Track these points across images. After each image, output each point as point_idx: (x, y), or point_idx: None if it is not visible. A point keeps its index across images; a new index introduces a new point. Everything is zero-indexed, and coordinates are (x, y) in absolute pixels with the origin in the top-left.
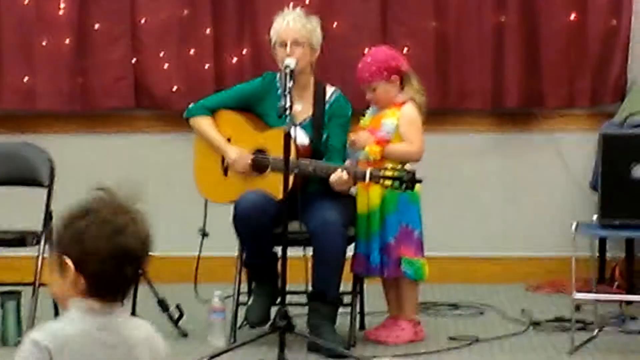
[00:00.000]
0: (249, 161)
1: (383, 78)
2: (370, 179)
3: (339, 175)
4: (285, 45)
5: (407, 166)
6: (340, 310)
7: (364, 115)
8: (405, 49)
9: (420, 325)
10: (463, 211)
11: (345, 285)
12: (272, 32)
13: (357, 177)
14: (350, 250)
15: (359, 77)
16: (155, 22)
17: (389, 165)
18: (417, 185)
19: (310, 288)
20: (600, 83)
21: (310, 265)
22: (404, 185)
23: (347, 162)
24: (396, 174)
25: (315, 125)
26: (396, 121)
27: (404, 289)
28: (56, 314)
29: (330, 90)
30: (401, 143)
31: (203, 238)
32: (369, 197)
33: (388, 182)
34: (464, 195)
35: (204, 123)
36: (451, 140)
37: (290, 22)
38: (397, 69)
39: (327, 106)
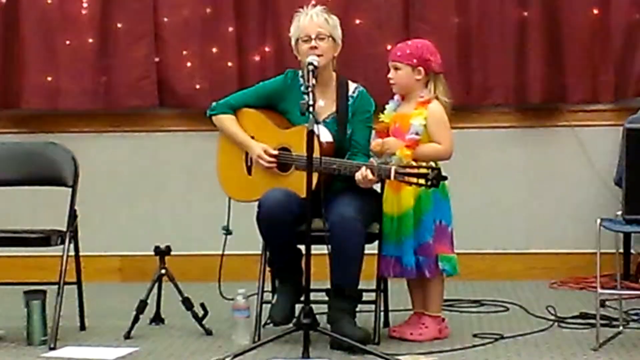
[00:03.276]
0: (275, 156)
1: (410, 63)
2: (395, 177)
3: (363, 174)
4: (309, 39)
5: (432, 163)
6: (365, 307)
7: (383, 111)
8: (421, 42)
9: (445, 322)
10: (487, 207)
11: (369, 283)
12: (293, 29)
13: (381, 175)
14: (373, 249)
15: (391, 52)
16: (177, 20)
17: (414, 163)
18: (446, 182)
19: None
20: (623, 77)
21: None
22: (429, 183)
23: (372, 160)
24: (422, 171)
25: (339, 122)
26: (424, 121)
27: (431, 286)
28: (81, 313)
29: (352, 86)
30: (431, 143)
31: (227, 236)
32: (401, 198)
33: (413, 180)
34: (488, 192)
35: (227, 121)
36: (474, 136)
37: (313, 16)
38: (428, 64)
39: (350, 102)
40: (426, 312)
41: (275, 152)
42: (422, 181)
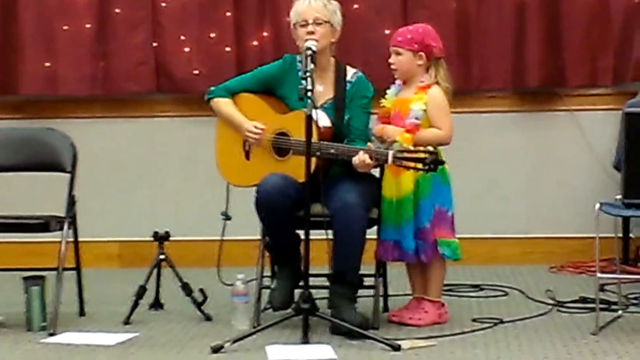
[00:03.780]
0: (261, 129)
1: (411, 49)
2: (393, 161)
3: (361, 158)
4: (306, 24)
5: (429, 147)
6: (364, 292)
7: (384, 96)
8: (423, 27)
9: (444, 307)
10: (486, 192)
11: (368, 267)
12: (292, 13)
13: (379, 159)
14: (372, 234)
15: (392, 38)
16: (175, 5)
17: (411, 147)
18: (446, 166)
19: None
20: (622, 61)
21: (331, 247)
22: (427, 167)
23: (370, 145)
24: (419, 155)
25: (337, 107)
26: (424, 106)
27: (431, 270)
28: (80, 299)
29: (351, 71)
30: (431, 128)
31: (226, 221)
32: (401, 182)
33: (411, 164)
34: (487, 177)
35: (224, 104)
36: (473, 121)
37: (311, 1)
38: (429, 49)
39: (348, 87)
40: (426, 296)
41: (262, 126)
42: (419, 165)
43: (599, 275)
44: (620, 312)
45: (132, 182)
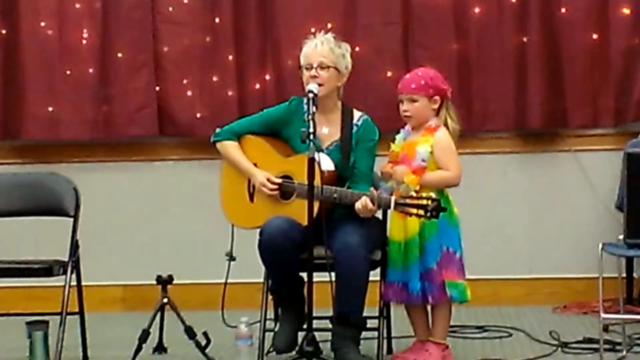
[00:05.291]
0: (277, 185)
1: (427, 94)
2: (395, 207)
3: (364, 203)
4: (311, 67)
5: (432, 194)
6: (368, 334)
7: (394, 140)
8: (432, 70)
9: (448, 349)
10: (489, 233)
11: (372, 309)
12: (301, 56)
13: (381, 205)
14: (375, 275)
15: (402, 85)
16: (177, 49)
17: (414, 194)
18: (455, 208)
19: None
20: (623, 102)
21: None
22: (428, 214)
23: (372, 190)
24: (421, 202)
25: (343, 149)
26: (430, 148)
27: (437, 312)
28: (83, 343)
29: (357, 114)
30: (438, 170)
31: (230, 262)
32: (408, 224)
33: (413, 210)
34: (489, 217)
35: (230, 147)
36: (475, 162)
37: (318, 45)
38: (443, 93)
39: (354, 130)
40: (431, 338)
41: (278, 181)
42: (421, 212)
43: (603, 315)
44: (624, 352)
45: (135, 226)
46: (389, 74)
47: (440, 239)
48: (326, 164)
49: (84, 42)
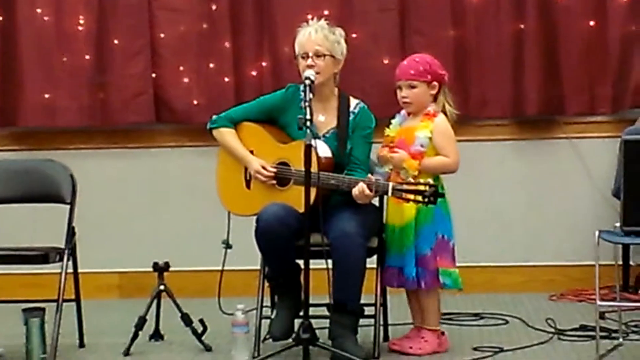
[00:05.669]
0: (272, 172)
1: (426, 80)
2: (393, 193)
3: (361, 189)
4: (307, 56)
5: (430, 180)
6: (364, 321)
7: (389, 126)
8: (428, 56)
9: (444, 335)
10: (485, 220)
11: (369, 297)
12: (295, 44)
13: (379, 191)
14: (372, 263)
15: (401, 72)
16: (174, 36)
17: (411, 180)
18: (447, 197)
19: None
20: (620, 89)
21: (331, 276)
22: (426, 200)
23: (370, 176)
24: (419, 188)
25: (340, 137)
26: (429, 133)
27: (426, 299)
28: (80, 330)
29: (354, 102)
30: (438, 156)
31: (227, 250)
32: (404, 210)
33: (410, 197)
34: (486, 205)
35: (227, 134)
36: (472, 149)
37: (312, 33)
38: (441, 78)
39: (351, 118)
40: (424, 325)
41: (273, 169)
42: (419, 198)
43: (599, 303)
44: (620, 340)
45: (131, 213)
46: (386, 60)
47: (436, 226)
48: (323, 150)
49: (80, 29)
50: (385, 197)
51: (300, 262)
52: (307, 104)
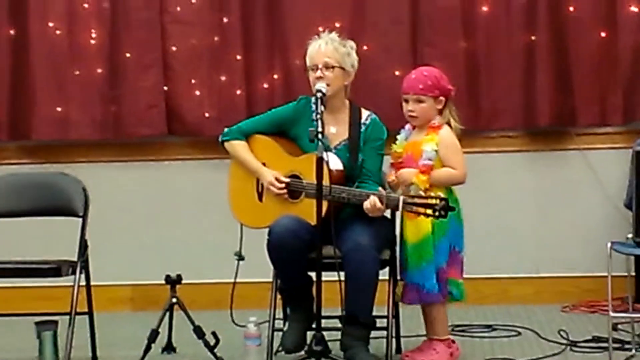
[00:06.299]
0: (286, 184)
1: (433, 95)
2: (403, 207)
3: (372, 202)
4: (316, 68)
5: (440, 193)
6: (376, 333)
7: (395, 142)
8: (436, 70)
9: (455, 344)
10: (497, 232)
11: (381, 309)
12: (306, 56)
13: (389, 205)
14: (384, 275)
15: (409, 85)
16: (186, 49)
17: (422, 193)
18: (461, 207)
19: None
20: (632, 99)
21: (343, 288)
22: (437, 213)
23: (381, 189)
24: (430, 201)
25: (351, 148)
26: (436, 146)
27: (432, 311)
28: (92, 343)
29: (365, 113)
30: (445, 168)
31: (239, 262)
32: (420, 224)
33: (421, 210)
34: (497, 216)
35: (239, 147)
36: (483, 160)
37: (322, 45)
38: (448, 93)
39: (362, 130)
40: (434, 336)
41: (287, 180)
42: (429, 211)
43: (612, 314)
44: (633, 351)
45: (144, 226)
46: (397, 72)
47: (450, 239)
48: (334, 163)
49: (93, 42)
50: (398, 212)
51: (312, 274)
52: (318, 116)
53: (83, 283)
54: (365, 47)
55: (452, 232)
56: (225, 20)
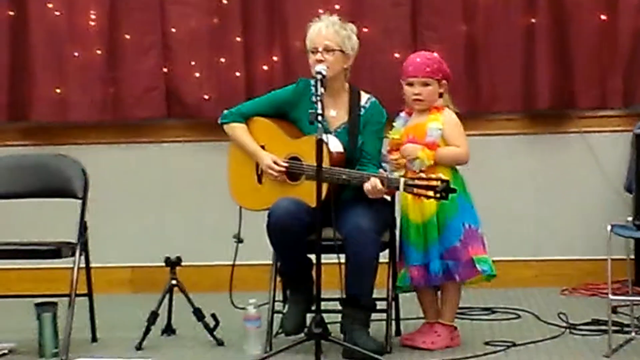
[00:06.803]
0: (284, 167)
1: (438, 78)
2: (404, 189)
3: (373, 184)
4: (316, 51)
5: (441, 175)
6: (376, 316)
7: (392, 129)
8: (435, 54)
9: (457, 330)
10: (496, 215)
11: (380, 291)
12: (306, 38)
13: (390, 186)
14: (384, 257)
15: (416, 68)
16: (185, 31)
17: (423, 175)
18: (467, 187)
19: (344, 294)
20: (632, 83)
21: (343, 271)
22: (438, 195)
23: (381, 171)
24: (431, 183)
25: (351, 131)
26: (441, 125)
27: (447, 294)
28: (92, 324)
29: (365, 96)
30: (450, 147)
31: (238, 244)
32: (424, 206)
33: (422, 192)
34: (497, 199)
35: (238, 129)
36: (483, 143)
37: (322, 28)
38: (449, 77)
39: (362, 112)
40: (440, 320)
41: (285, 164)
42: (430, 193)
43: (611, 297)
44: (633, 334)
45: (143, 208)
46: (397, 55)
47: (462, 217)
48: (334, 145)
49: (92, 23)
50: (396, 193)
51: (312, 256)
52: (318, 98)
53: (83, 265)
54: (364, 30)
55: (463, 210)
56: (224, 1)
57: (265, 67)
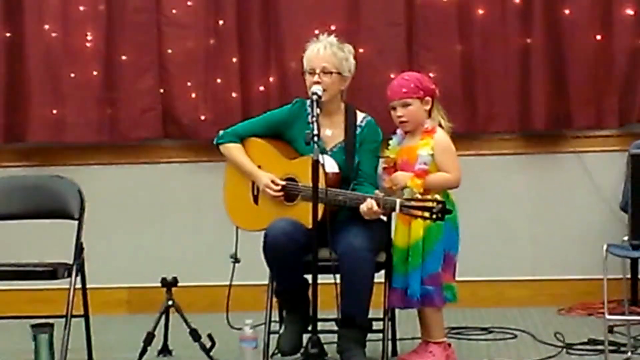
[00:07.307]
0: (281, 187)
1: (419, 96)
2: (400, 210)
3: (369, 206)
4: (314, 72)
5: (437, 196)
6: (372, 336)
7: (388, 147)
8: (432, 74)
9: (451, 347)
10: (493, 234)
11: (377, 311)
12: (304, 58)
13: (386, 208)
14: (380, 277)
15: (393, 92)
16: (181, 52)
17: (418, 196)
18: (457, 210)
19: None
20: (627, 103)
21: (339, 291)
22: (434, 216)
23: (377, 192)
24: (427, 204)
25: (347, 150)
26: (431, 150)
27: (428, 314)
28: (88, 346)
29: (361, 115)
30: (439, 173)
31: (235, 264)
32: (412, 229)
33: (418, 213)
34: (493, 219)
35: (234, 150)
36: (479, 163)
37: (320, 49)
38: (432, 93)
39: (358, 132)
40: (430, 340)
41: (282, 183)
42: (426, 214)
43: (607, 317)
44: (629, 353)
45: (139, 229)
46: (393, 75)
47: (444, 243)
48: (330, 165)
49: (88, 44)
50: (392, 213)
51: (308, 277)
52: (314, 119)
53: (79, 286)
54: (360, 50)
55: (447, 237)
56: (220, 22)
57: (261, 88)
